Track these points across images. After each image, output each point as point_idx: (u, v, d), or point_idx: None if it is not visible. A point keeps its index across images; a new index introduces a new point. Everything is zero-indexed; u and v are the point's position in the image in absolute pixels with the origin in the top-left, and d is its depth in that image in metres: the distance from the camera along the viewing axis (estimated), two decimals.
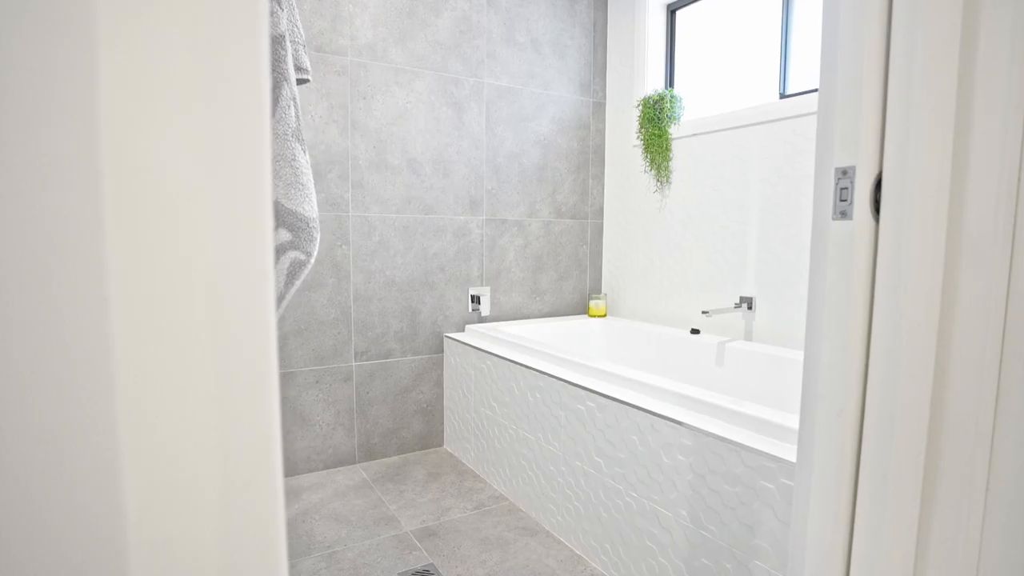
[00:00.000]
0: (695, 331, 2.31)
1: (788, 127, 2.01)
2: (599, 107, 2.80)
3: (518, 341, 2.11)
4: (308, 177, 0.67)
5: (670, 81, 2.60)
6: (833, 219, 0.70)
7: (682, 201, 2.44)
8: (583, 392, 1.65)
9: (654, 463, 1.41)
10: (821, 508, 0.73)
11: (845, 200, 0.69)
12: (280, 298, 0.66)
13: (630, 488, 1.49)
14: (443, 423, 2.52)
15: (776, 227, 2.06)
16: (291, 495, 2.05)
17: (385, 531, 1.81)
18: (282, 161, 0.64)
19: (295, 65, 0.80)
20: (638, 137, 2.60)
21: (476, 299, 2.54)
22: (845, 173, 0.69)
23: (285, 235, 0.65)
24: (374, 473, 2.24)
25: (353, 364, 2.29)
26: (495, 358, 2.10)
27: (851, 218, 0.68)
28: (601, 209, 2.86)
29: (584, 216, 2.81)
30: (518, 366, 1.96)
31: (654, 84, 2.60)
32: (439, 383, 2.49)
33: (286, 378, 2.17)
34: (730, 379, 2.11)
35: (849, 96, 0.67)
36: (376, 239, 2.30)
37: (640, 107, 2.57)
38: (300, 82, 0.83)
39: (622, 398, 1.52)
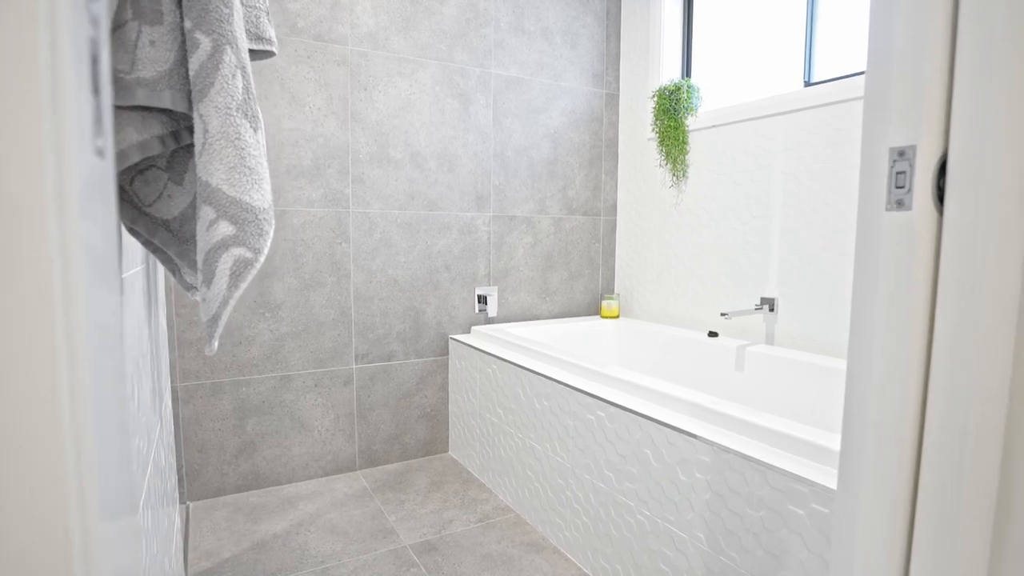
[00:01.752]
0: (713, 334, 2.18)
1: (814, 116, 1.88)
2: (612, 99, 2.68)
3: (525, 344, 2.00)
4: (258, 160, 0.57)
5: (687, 71, 2.48)
6: (886, 210, 0.58)
7: (699, 196, 2.31)
8: (593, 400, 1.54)
9: (669, 480, 1.30)
10: (870, 554, 0.62)
11: (902, 187, 0.57)
12: (224, 303, 0.56)
13: (642, 505, 1.37)
14: (448, 429, 2.42)
15: (801, 224, 1.93)
16: (287, 504, 1.96)
17: (383, 545, 1.71)
18: (223, 140, 0.54)
19: (255, 34, 0.70)
20: (653, 130, 2.47)
21: (483, 299, 2.44)
22: (902, 154, 0.57)
23: (227, 228, 0.55)
24: (375, 481, 2.15)
25: (353, 367, 2.20)
26: (501, 362, 2.00)
27: (910, 208, 0.56)
28: (614, 205, 2.74)
29: (596, 212, 2.69)
30: (525, 371, 1.86)
31: (670, 74, 2.47)
32: (444, 387, 2.39)
33: (283, 381, 2.08)
34: (750, 385, 1.99)
35: (909, 57, 0.55)
36: (377, 236, 2.20)
37: (655, 98, 2.44)
38: (264, 54, 0.73)
39: (635, 408, 1.40)
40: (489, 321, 2.47)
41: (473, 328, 2.37)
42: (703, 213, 2.30)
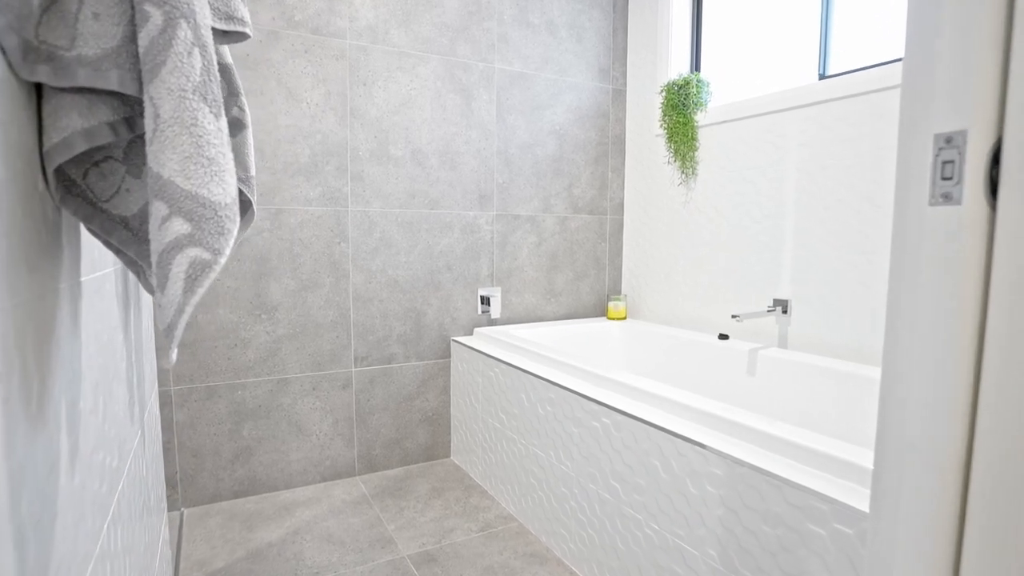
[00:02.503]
0: (723, 336, 2.11)
1: (829, 111, 1.80)
2: (619, 94, 2.61)
3: (528, 346, 1.93)
4: (219, 150, 0.51)
5: (696, 64, 2.40)
6: (930, 204, 0.51)
7: (709, 194, 2.24)
8: (598, 407, 1.47)
9: (679, 492, 1.23)
10: None
11: (949, 178, 0.50)
12: (179, 310, 0.50)
13: (651, 519, 1.31)
14: (449, 433, 2.35)
15: (816, 223, 1.86)
16: (283, 511, 1.91)
17: (380, 555, 1.65)
18: (177, 126, 0.48)
19: (225, 13, 0.63)
20: (661, 126, 2.40)
21: (486, 300, 2.37)
22: (950, 141, 0.50)
23: (182, 226, 0.48)
24: (374, 487, 2.09)
25: (352, 370, 2.14)
26: (504, 365, 1.93)
27: (958, 202, 0.49)
28: (621, 204, 2.67)
29: (603, 211, 2.62)
30: (528, 375, 1.79)
31: (679, 68, 2.40)
32: (445, 390, 2.33)
33: (280, 385, 2.03)
34: (763, 391, 1.91)
35: (958, 28, 0.48)
36: (377, 236, 2.14)
37: (663, 93, 2.37)
38: (237, 36, 0.67)
39: (642, 415, 1.34)
40: (492, 323, 2.41)
41: (476, 330, 2.31)
42: (713, 211, 2.22)
